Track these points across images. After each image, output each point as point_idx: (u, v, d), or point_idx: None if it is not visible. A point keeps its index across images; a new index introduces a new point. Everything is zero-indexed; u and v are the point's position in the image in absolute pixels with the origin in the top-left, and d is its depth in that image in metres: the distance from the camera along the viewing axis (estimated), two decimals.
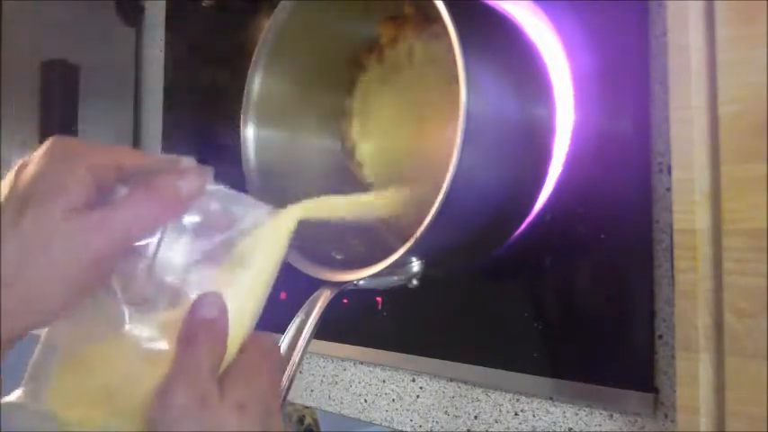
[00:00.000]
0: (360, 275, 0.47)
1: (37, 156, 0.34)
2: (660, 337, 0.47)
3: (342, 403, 0.68)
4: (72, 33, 0.94)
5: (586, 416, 0.50)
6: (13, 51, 0.86)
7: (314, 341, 0.46)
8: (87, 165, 0.34)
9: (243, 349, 0.36)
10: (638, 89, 0.48)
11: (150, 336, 0.35)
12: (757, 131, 0.38)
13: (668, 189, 0.47)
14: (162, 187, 0.35)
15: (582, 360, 0.50)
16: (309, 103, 0.61)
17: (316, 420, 1.36)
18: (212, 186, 0.37)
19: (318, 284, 0.49)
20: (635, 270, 0.48)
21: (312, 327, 0.46)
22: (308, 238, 0.55)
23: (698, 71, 0.40)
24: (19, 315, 0.32)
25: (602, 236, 0.49)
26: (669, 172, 0.45)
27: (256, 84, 0.57)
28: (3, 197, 0.33)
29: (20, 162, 0.35)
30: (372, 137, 0.61)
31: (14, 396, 0.35)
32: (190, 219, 0.36)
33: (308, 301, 0.47)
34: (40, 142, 0.35)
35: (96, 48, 0.97)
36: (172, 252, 0.36)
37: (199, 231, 0.37)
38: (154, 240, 0.35)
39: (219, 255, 0.37)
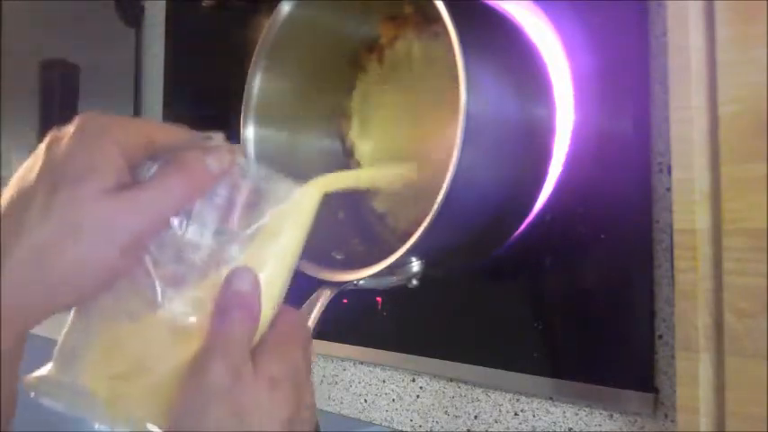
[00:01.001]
0: (360, 275, 0.47)
1: (68, 132, 0.33)
2: (660, 337, 0.47)
3: (342, 403, 0.68)
4: (72, 33, 0.94)
5: (586, 416, 0.50)
6: (13, 51, 0.86)
7: (314, 341, 0.46)
8: (118, 143, 0.33)
9: (273, 324, 0.36)
10: (638, 89, 0.48)
11: (182, 311, 0.35)
12: (757, 131, 0.38)
13: (668, 189, 0.47)
14: (192, 164, 0.35)
15: (582, 360, 0.50)
16: (309, 103, 0.61)
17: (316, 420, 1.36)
18: (240, 161, 0.37)
19: (318, 284, 0.49)
20: (635, 270, 0.48)
21: (312, 327, 0.46)
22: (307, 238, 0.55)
23: (698, 71, 0.40)
24: (50, 299, 0.32)
25: (602, 236, 0.49)
26: (669, 172, 0.45)
27: (256, 84, 0.57)
28: (34, 175, 0.33)
29: (51, 136, 0.34)
30: (372, 137, 0.61)
31: (45, 370, 0.35)
32: (218, 194, 0.37)
33: (308, 301, 0.47)
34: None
35: (96, 48, 0.97)
36: (201, 228, 0.36)
37: (227, 206, 0.37)
38: (183, 217, 0.35)
39: (245, 230, 0.37)
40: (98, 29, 0.98)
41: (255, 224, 0.37)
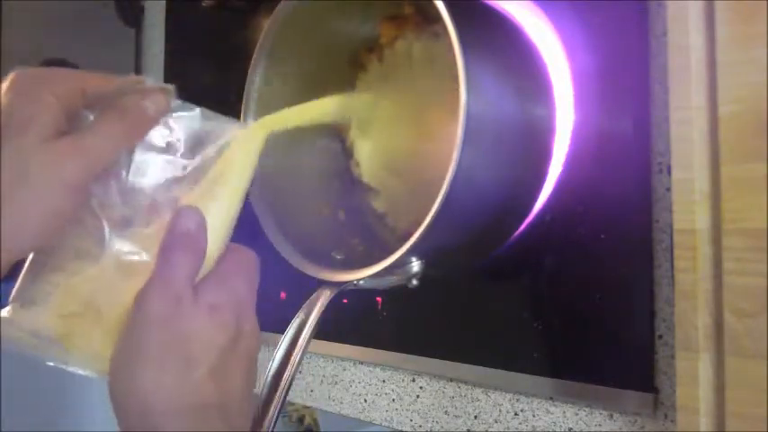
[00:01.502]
0: (360, 275, 0.47)
1: (2, 89, 0.35)
2: (660, 337, 0.47)
3: (342, 403, 0.68)
4: (72, 33, 0.94)
5: (586, 416, 0.50)
6: (13, 51, 0.86)
7: (314, 341, 0.46)
8: (54, 92, 0.35)
9: (219, 260, 0.37)
10: (638, 89, 0.48)
11: (130, 251, 0.36)
12: (757, 131, 0.38)
13: (668, 189, 0.47)
14: (129, 108, 0.36)
15: (582, 360, 0.50)
16: None
17: (316, 420, 1.36)
18: (176, 103, 0.38)
19: (318, 284, 0.49)
20: (635, 270, 0.48)
21: (312, 327, 0.46)
22: (308, 238, 0.55)
23: (698, 71, 0.40)
24: (4, 248, 0.33)
25: (602, 236, 0.49)
26: (669, 172, 0.45)
27: (256, 84, 0.57)
28: None
29: None
30: (372, 136, 0.61)
31: (3, 312, 0.36)
32: (158, 137, 0.38)
33: (308, 301, 0.47)
34: None
35: (96, 48, 0.97)
36: (144, 171, 0.37)
37: (168, 149, 0.38)
38: (125, 161, 0.37)
39: (190, 171, 0.38)
40: (98, 29, 0.98)
41: (197, 166, 0.38)
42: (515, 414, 0.54)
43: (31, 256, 0.37)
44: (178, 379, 0.33)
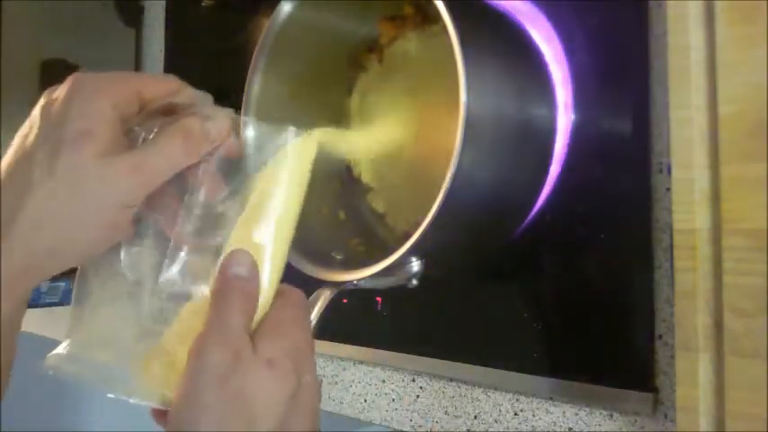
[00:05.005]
0: (360, 275, 0.47)
1: (62, 96, 0.35)
2: (660, 337, 0.47)
3: (342, 403, 0.68)
4: (72, 33, 0.94)
5: (586, 416, 0.50)
6: (13, 51, 0.86)
7: (314, 341, 0.46)
8: (111, 100, 0.35)
9: (273, 305, 0.36)
10: (638, 89, 0.48)
11: (183, 281, 0.36)
12: (757, 131, 0.38)
13: (668, 189, 0.47)
14: (192, 130, 0.36)
15: (582, 360, 0.50)
16: (309, 103, 0.61)
17: None
18: (241, 120, 0.38)
19: (318, 284, 0.49)
20: (635, 270, 0.48)
21: (312, 327, 0.46)
22: (307, 238, 0.55)
23: (698, 71, 0.40)
24: (49, 257, 0.33)
25: (602, 236, 0.49)
26: (669, 172, 0.45)
27: (256, 84, 0.57)
28: (32, 139, 0.34)
29: (45, 99, 0.35)
30: (371, 137, 0.61)
31: (62, 349, 0.36)
32: (215, 160, 0.37)
33: (307, 301, 0.47)
34: None
35: (96, 48, 0.97)
36: (200, 192, 0.37)
37: (223, 166, 0.38)
38: (186, 182, 0.36)
39: (245, 187, 0.37)
40: (98, 29, 0.98)
41: (250, 182, 0.37)
42: (515, 414, 0.54)
43: (75, 288, 0.36)
44: None
